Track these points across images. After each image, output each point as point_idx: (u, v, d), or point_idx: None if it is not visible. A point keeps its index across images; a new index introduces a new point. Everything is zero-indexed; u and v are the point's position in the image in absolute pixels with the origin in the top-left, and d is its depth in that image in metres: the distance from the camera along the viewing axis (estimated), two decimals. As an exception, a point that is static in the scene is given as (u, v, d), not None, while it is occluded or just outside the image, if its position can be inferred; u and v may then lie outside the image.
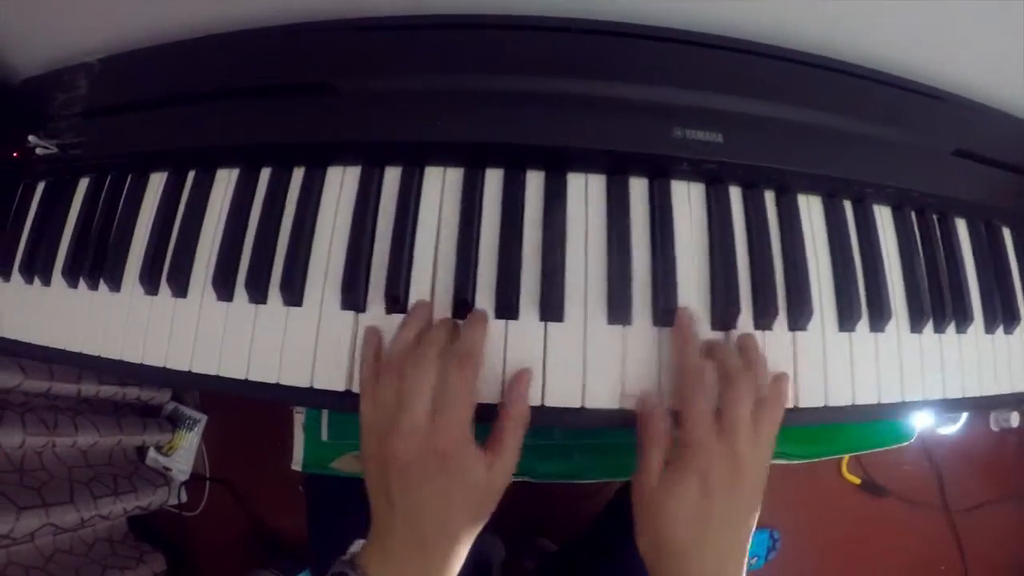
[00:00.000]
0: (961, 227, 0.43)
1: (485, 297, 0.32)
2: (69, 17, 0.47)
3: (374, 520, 0.29)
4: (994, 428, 0.97)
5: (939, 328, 0.39)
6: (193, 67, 0.39)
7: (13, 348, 0.45)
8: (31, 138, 0.45)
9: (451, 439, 0.27)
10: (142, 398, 0.94)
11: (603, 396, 0.30)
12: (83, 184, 0.44)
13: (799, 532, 1.04)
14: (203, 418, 0.97)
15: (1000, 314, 0.40)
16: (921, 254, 0.40)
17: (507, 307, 0.32)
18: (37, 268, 0.44)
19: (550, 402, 0.30)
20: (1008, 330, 0.40)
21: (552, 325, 0.31)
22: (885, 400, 0.37)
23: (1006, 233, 0.44)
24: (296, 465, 0.45)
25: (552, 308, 0.31)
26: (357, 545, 0.30)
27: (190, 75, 0.39)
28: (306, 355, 0.31)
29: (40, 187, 0.48)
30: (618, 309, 0.31)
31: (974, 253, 0.43)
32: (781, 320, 0.34)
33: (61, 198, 0.44)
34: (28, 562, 0.77)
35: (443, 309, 0.32)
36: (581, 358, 0.31)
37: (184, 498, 0.96)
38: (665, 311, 0.32)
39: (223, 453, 0.96)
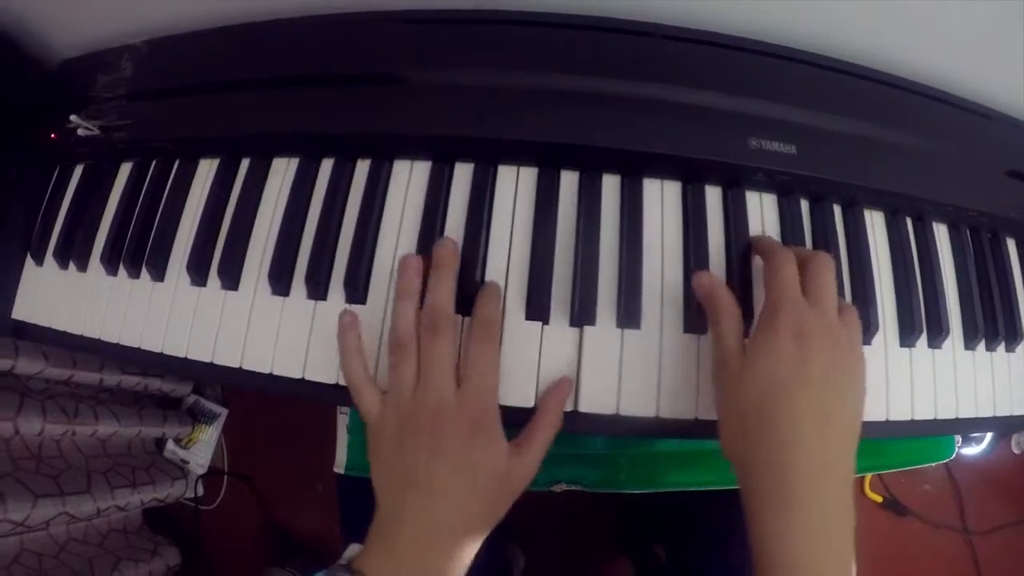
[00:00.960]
0: (1011, 247, 0.42)
1: (560, 302, 0.30)
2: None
3: (378, 519, 0.27)
4: (1015, 450, 0.96)
5: (991, 346, 0.38)
6: (251, 52, 0.37)
7: (43, 335, 0.42)
8: (73, 118, 0.42)
9: (482, 409, 0.25)
10: (163, 389, 0.92)
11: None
12: (125, 168, 0.42)
13: None
14: (223, 412, 0.94)
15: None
16: (975, 272, 0.39)
17: (587, 313, 0.30)
18: (73, 253, 0.41)
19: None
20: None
21: (628, 332, 0.30)
22: (941, 416, 0.35)
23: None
24: (339, 468, 0.42)
25: (632, 316, 0.29)
26: (352, 550, 0.27)
27: (247, 60, 0.37)
28: (371, 353, 0.29)
29: (78, 170, 0.45)
30: (694, 320, 0.30)
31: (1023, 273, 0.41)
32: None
33: (101, 182, 0.42)
34: (42, 550, 0.74)
35: (520, 304, 0.30)
36: (656, 365, 0.29)
37: (201, 492, 0.93)
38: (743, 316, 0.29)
39: (242, 448, 0.93)
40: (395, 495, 0.26)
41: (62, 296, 0.42)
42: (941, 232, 0.39)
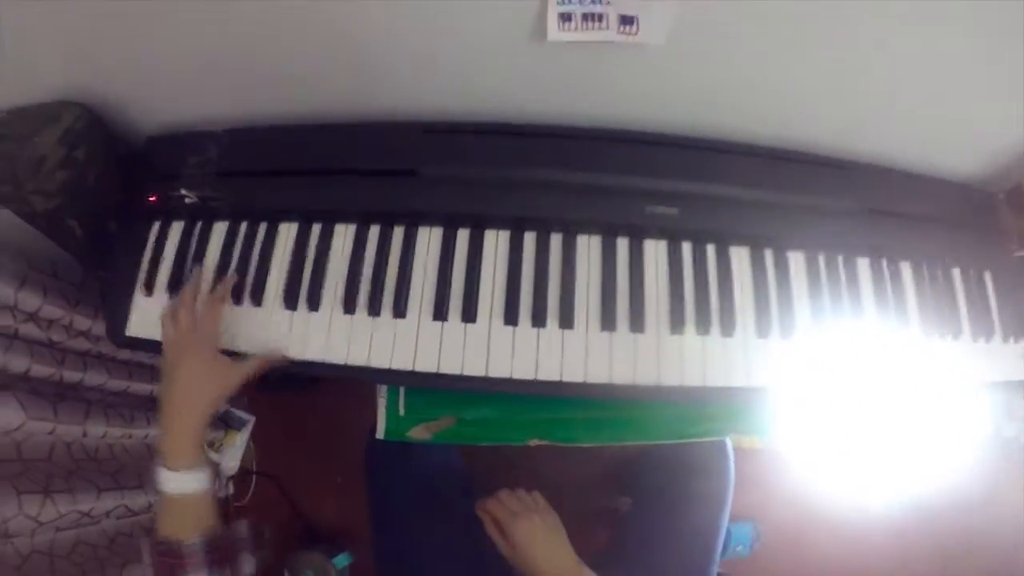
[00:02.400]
0: (865, 265, 0.66)
1: (526, 308, 0.58)
2: (197, 93, 0.70)
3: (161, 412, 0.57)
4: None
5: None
6: (315, 146, 0.65)
7: (154, 347, 0.67)
8: (183, 191, 0.67)
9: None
10: None
11: (602, 375, 0.55)
12: (219, 227, 0.67)
13: (783, 524, 1.27)
14: (251, 419, 1.23)
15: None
16: (826, 290, 0.63)
17: (540, 316, 0.58)
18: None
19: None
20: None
21: (567, 331, 0.56)
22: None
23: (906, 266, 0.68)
24: (380, 434, 0.68)
25: (567, 318, 0.58)
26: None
27: (312, 153, 0.64)
28: (409, 350, 0.55)
29: (175, 225, 0.70)
30: (608, 320, 0.56)
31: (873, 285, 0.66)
32: (715, 326, 0.60)
33: (203, 236, 0.67)
34: (94, 541, 0.98)
35: (499, 315, 0.58)
36: (583, 350, 0.56)
37: (232, 490, 1.22)
38: (637, 318, 0.58)
39: (269, 450, 1.22)
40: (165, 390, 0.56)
41: None
42: (798, 258, 0.65)
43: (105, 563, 0.95)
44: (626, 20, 0.51)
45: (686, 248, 0.61)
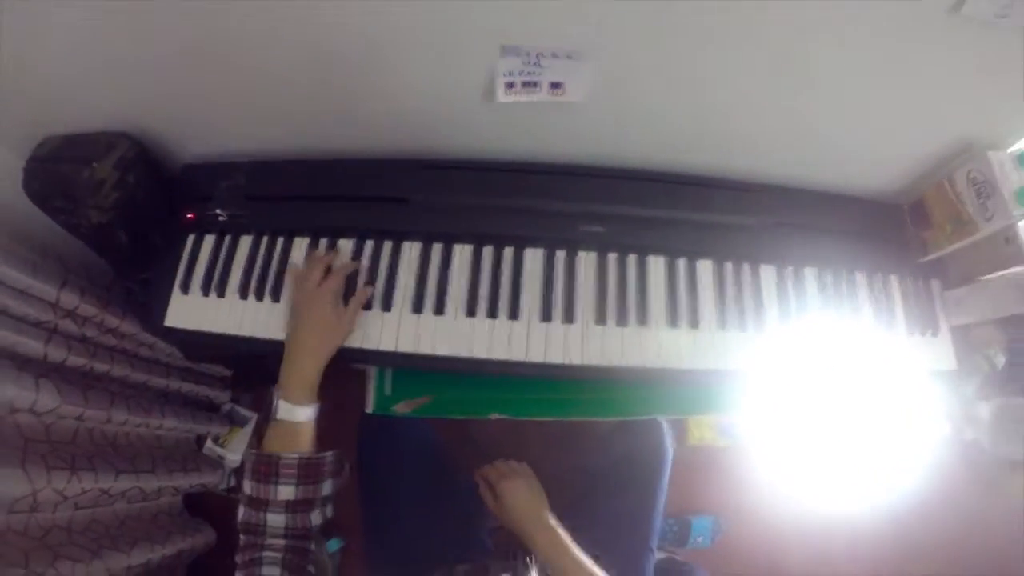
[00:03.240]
0: (771, 271, 0.87)
1: (483, 304, 0.80)
2: (226, 132, 0.93)
3: (284, 355, 0.75)
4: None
5: (741, 327, 0.83)
6: (322, 178, 0.88)
7: (185, 334, 0.89)
8: (218, 210, 0.90)
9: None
10: (209, 396, 1.39)
11: (538, 355, 0.77)
12: (245, 240, 0.90)
13: (742, 517, 1.46)
14: (254, 416, 1.46)
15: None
16: (732, 290, 0.85)
17: (493, 310, 0.79)
18: (213, 287, 0.89)
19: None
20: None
21: (514, 322, 0.78)
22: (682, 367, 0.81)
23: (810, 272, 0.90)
24: (369, 408, 0.89)
25: (514, 312, 0.79)
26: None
27: (320, 183, 0.87)
28: (392, 336, 0.77)
29: (207, 238, 0.93)
30: (548, 314, 0.77)
31: (776, 288, 0.87)
32: (633, 319, 0.82)
33: (231, 247, 0.90)
34: (107, 521, 1.17)
35: (463, 309, 0.79)
36: (525, 337, 0.77)
37: (233, 483, 1.44)
38: (569, 312, 0.80)
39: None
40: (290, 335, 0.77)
41: (205, 311, 0.90)
42: (707, 266, 0.87)
43: (117, 540, 1.13)
44: (555, 85, 0.73)
45: (612, 258, 0.84)
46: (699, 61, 0.72)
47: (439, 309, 0.81)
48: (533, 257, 0.83)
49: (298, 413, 0.72)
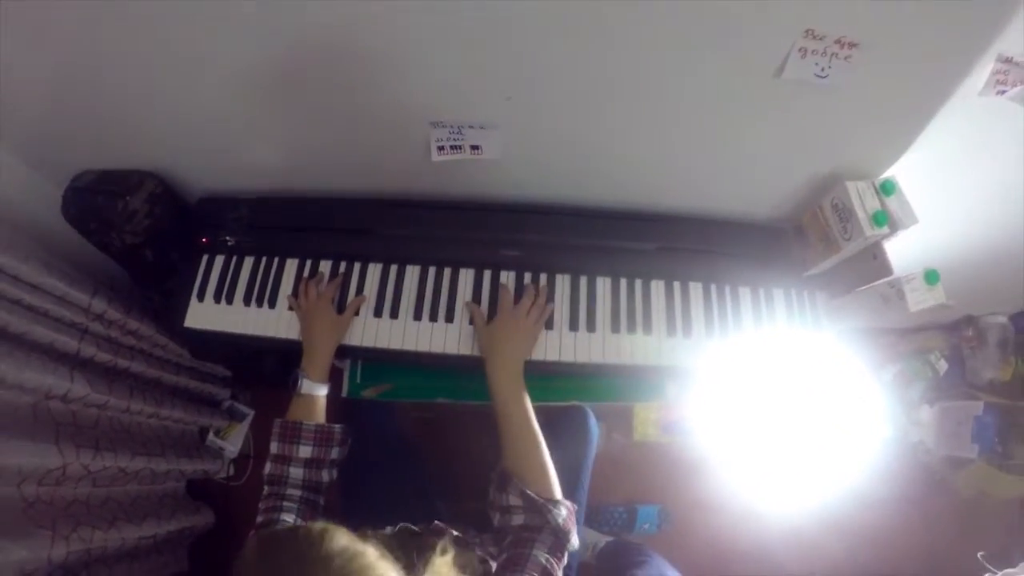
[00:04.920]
0: (661, 287, 1.26)
1: (427, 311, 1.19)
2: (231, 175, 1.37)
3: (304, 350, 1.13)
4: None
5: (631, 331, 1.22)
6: (307, 212, 1.25)
7: (200, 333, 1.32)
8: (227, 237, 1.34)
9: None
10: (212, 393, 1.83)
11: (465, 350, 1.17)
12: (248, 260, 1.32)
13: (689, 506, 1.81)
14: (252, 413, 1.84)
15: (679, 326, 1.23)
16: (624, 301, 1.23)
17: (434, 315, 1.18)
18: (224, 296, 1.30)
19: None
20: (687, 336, 1.22)
21: (449, 324, 1.18)
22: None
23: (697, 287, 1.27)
24: (343, 393, 1.27)
25: (451, 316, 1.17)
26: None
27: (306, 216, 1.25)
28: (359, 334, 1.18)
29: (218, 259, 1.35)
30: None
31: (665, 300, 1.26)
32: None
33: (237, 265, 1.32)
34: (121, 499, 1.46)
35: (411, 314, 1.19)
36: (457, 336, 1.17)
37: (232, 472, 1.81)
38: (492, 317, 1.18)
39: (266, 439, 1.77)
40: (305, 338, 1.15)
41: (217, 315, 1.31)
42: (606, 282, 1.23)
43: (129, 514, 1.44)
44: (475, 147, 1.07)
45: (527, 276, 1.20)
46: (587, 125, 1.05)
47: (394, 314, 1.18)
48: (466, 275, 1.21)
49: (316, 389, 1.08)
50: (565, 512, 0.93)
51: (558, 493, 0.97)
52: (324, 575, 0.61)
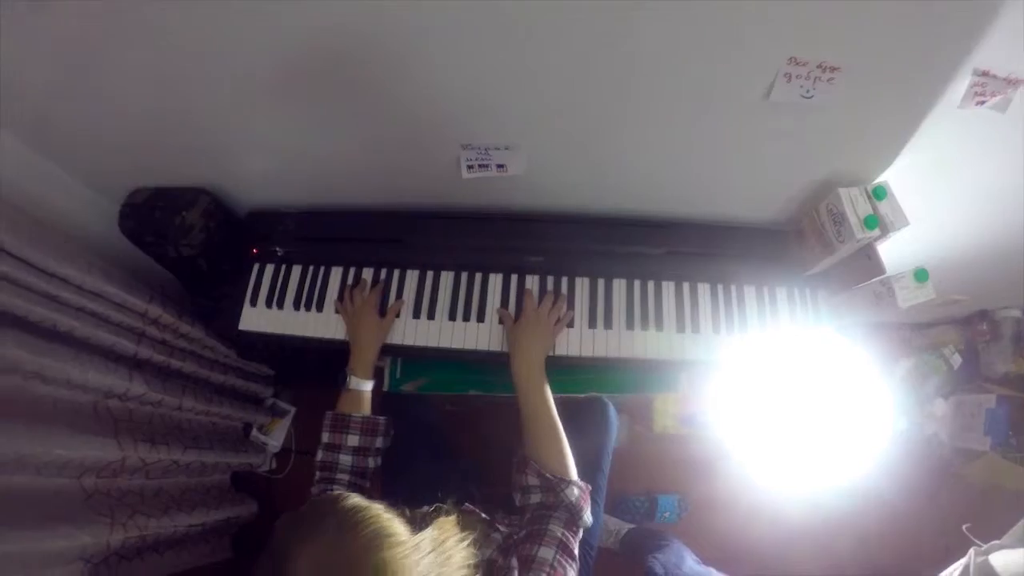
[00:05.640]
0: (671, 287, 1.46)
1: (460, 312, 1.38)
2: (278, 192, 1.60)
3: (351, 350, 1.30)
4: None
5: (644, 328, 1.42)
6: (349, 224, 1.42)
7: (253, 336, 1.55)
8: (276, 248, 1.57)
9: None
10: (256, 392, 2.06)
11: (496, 346, 1.37)
12: (296, 268, 1.55)
13: (707, 495, 1.98)
14: (293, 409, 2.01)
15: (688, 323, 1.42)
16: (639, 301, 1.43)
17: (467, 316, 1.35)
18: (275, 301, 1.51)
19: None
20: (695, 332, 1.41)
21: (480, 324, 1.38)
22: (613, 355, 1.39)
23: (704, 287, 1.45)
24: (385, 388, 1.46)
25: (481, 317, 1.36)
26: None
27: (347, 228, 1.42)
28: (400, 333, 1.40)
29: (268, 267, 1.57)
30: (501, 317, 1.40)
31: (675, 300, 1.46)
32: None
33: (286, 274, 1.53)
34: (171, 490, 1.63)
35: (446, 315, 1.40)
36: (488, 334, 1.38)
37: (274, 465, 1.99)
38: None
39: (306, 434, 1.95)
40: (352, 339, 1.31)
41: (269, 319, 1.52)
42: (621, 284, 1.41)
43: (180, 503, 1.61)
44: (500, 166, 1.23)
45: (550, 280, 1.36)
46: (601, 144, 1.20)
47: (431, 315, 1.34)
48: (495, 280, 1.37)
49: (363, 385, 1.24)
50: (578, 491, 1.06)
51: (573, 474, 1.10)
52: (334, 519, 0.75)
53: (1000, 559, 1.16)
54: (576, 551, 1.00)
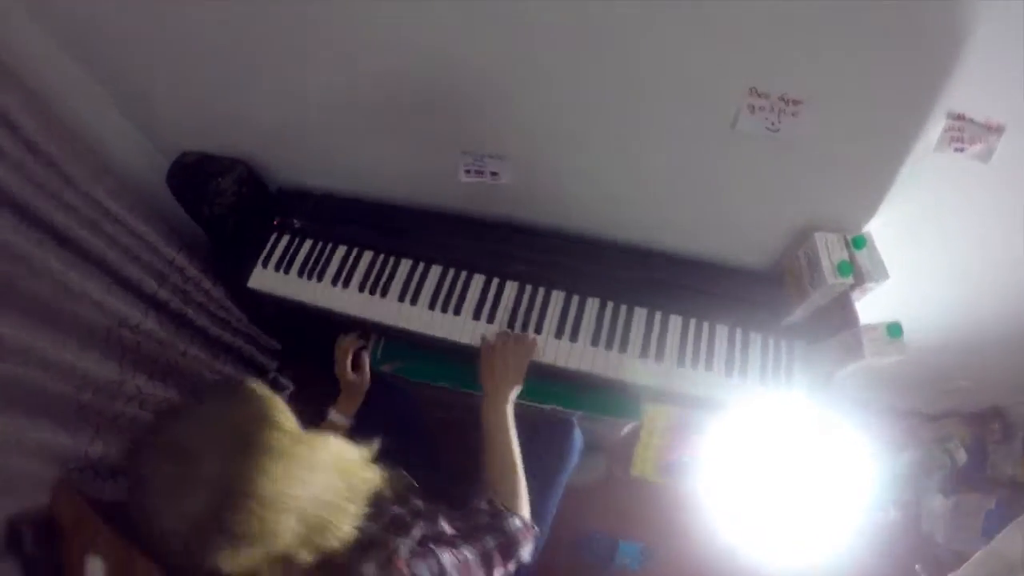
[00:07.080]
0: (640, 312, 1.58)
1: (443, 303, 1.54)
2: (307, 171, 1.85)
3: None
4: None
5: (608, 348, 1.55)
6: (360, 211, 1.61)
7: (262, 295, 1.75)
8: (295, 221, 1.81)
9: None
10: (261, 361, 2.21)
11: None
12: (307, 242, 1.74)
13: (670, 545, 2.00)
14: (291, 387, 2.16)
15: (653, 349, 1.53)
16: (607, 321, 1.56)
17: (456, 309, 1.52)
18: (283, 267, 1.68)
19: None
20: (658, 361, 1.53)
21: (456, 316, 1.54)
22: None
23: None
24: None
25: (459, 310, 1.52)
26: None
27: (360, 214, 1.60)
28: (390, 314, 1.61)
29: (284, 237, 1.77)
30: (479, 315, 1.56)
31: (645, 327, 1.58)
32: (531, 328, 1.53)
33: (298, 246, 1.73)
34: None
35: (427, 304, 1.57)
36: (460, 328, 1.55)
37: None
38: (491, 317, 1.54)
39: (304, 409, 2.19)
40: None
41: (275, 281, 1.67)
42: (595, 302, 1.56)
43: None
44: (493, 173, 1.40)
45: (528, 288, 1.52)
46: (582, 165, 1.38)
47: (414, 302, 1.52)
48: (477, 280, 1.54)
49: (342, 419, 1.47)
50: (520, 524, 1.12)
51: (525, 512, 1.17)
52: (234, 397, 0.86)
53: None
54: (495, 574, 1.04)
